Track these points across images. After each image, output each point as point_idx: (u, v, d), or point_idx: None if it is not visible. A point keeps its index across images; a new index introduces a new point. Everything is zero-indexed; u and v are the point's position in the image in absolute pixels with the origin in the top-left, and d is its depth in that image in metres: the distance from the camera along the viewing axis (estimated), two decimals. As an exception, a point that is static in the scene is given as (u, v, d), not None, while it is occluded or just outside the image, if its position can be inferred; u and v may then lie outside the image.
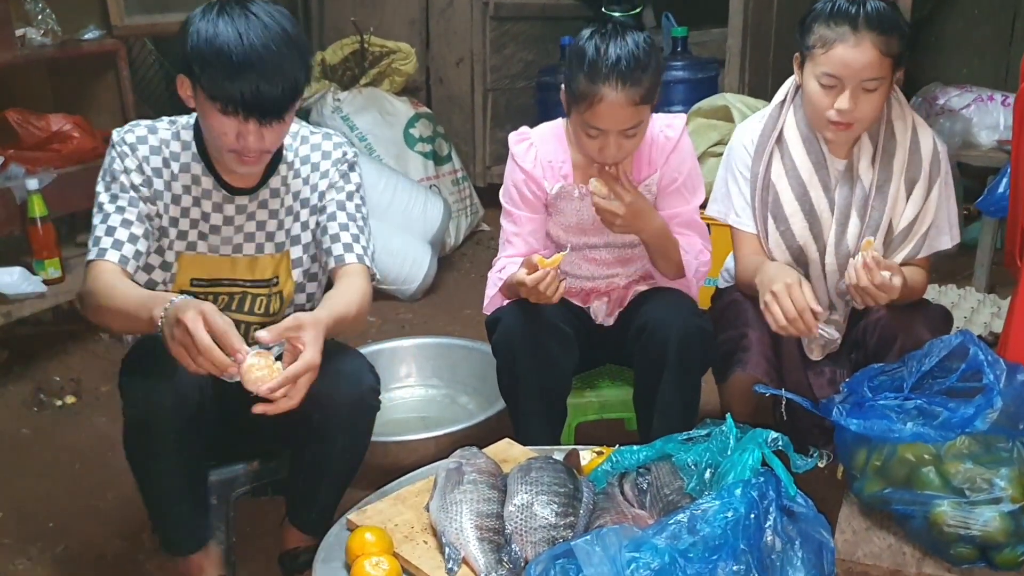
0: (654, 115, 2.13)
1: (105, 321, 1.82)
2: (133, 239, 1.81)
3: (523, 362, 2.02)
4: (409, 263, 3.79)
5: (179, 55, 1.72)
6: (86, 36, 3.47)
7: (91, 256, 1.80)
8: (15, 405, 2.98)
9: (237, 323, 1.66)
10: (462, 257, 4.34)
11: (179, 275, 1.91)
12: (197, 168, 1.87)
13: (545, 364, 2.03)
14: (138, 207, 1.83)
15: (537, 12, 4.92)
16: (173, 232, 1.88)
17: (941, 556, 1.58)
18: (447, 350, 2.90)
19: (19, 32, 3.26)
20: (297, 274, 1.99)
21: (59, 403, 2.99)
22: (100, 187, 1.85)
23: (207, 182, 1.87)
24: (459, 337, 3.05)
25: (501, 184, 2.22)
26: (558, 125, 2.16)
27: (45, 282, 3.04)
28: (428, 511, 1.65)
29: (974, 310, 3.23)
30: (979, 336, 1.68)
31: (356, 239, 1.93)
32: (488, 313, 2.16)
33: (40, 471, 2.62)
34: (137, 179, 1.83)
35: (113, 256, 1.78)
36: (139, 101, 3.71)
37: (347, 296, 1.84)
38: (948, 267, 3.64)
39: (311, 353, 1.61)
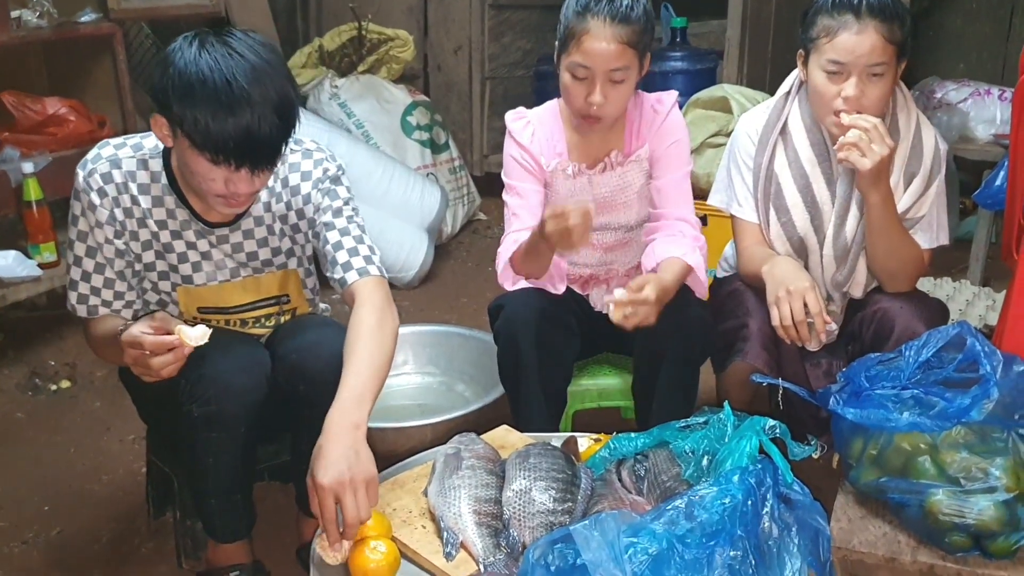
0: (646, 93, 2.14)
1: (107, 358, 1.87)
2: (119, 296, 1.82)
3: (526, 349, 2.02)
4: (406, 251, 3.78)
5: (156, 94, 1.58)
6: (82, 19, 3.44)
7: (82, 314, 1.82)
8: (10, 389, 2.98)
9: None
10: (459, 246, 4.34)
11: (183, 306, 1.87)
12: (170, 201, 1.78)
13: (548, 351, 2.03)
14: (114, 265, 1.79)
15: (536, 0, 4.91)
16: (163, 265, 1.83)
17: (936, 544, 1.59)
18: (444, 338, 2.90)
19: (15, 14, 3.24)
20: (307, 293, 2.00)
21: (54, 387, 2.99)
22: (73, 234, 1.78)
23: (182, 214, 1.79)
24: (456, 325, 3.06)
25: (498, 173, 2.23)
26: (553, 105, 2.18)
27: (40, 266, 3.03)
28: (426, 496, 1.65)
29: (969, 303, 3.24)
30: (974, 329, 1.68)
31: (353, 252, 1.83)
32: (502, 282, 2.13)
33: (35, 455, 2.62)
34: (110, 231, 1.76)
35: (104, 312, 1.82)
36: (135, 85, 3.70)
37: (367, 354, 1.67)
38: (944, 260, 3.65)
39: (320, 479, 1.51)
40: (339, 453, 1.53)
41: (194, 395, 1.71)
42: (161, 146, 1.77)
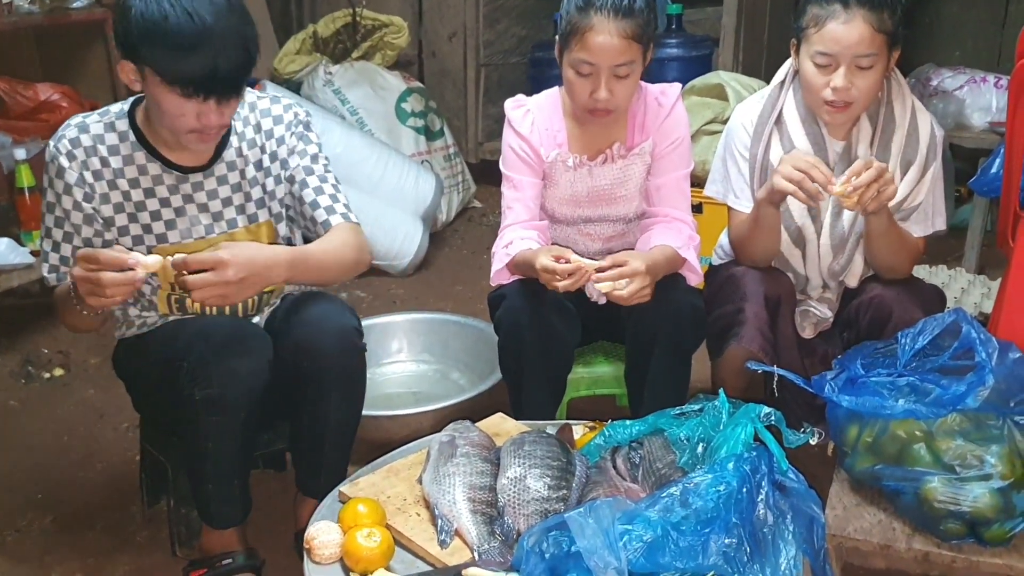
0: (649, 85, 2.13)
1: (73, 323, 1.84)
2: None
3: (528, 339, 2.01)
4: (400, 238, 3.77)
5: (120, 39, 1.66)
6: (74, 4, 3.42)
7: (54, 282, 1.84)
8: (3, 377, 2.97)
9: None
10: (454, 233, 4.33)
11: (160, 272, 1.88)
12: (140, 157, 1.81)
13: (549, 341, 2.02)
14: (81, 232, 1.81)
15: (531, -13, 4.88)
16: (136, 228, 1.84)
17: (931, 532, 1.59)
18: (439, 326, 2.89)
19: (6, 0, 3.22)
20: (282, 243, 1.98)
21: (47, 375, 2.98)
22: (44, 206, 1.82)
23: (154, 168, 1.82)
24: (451, 313, 3.05)
25: (493, 160, 2.22)
26: (554, 94, 2.17)
27: (33, 253, 3.01)
28: (421, 484, 1.65)
29: (964, 291, 3.24)
30: (968, 317, 1.67)
31: (335, 199, 1.92)
32: (494, 285, 2.14)
33: (28, 443, 2.61)
34: (79, 194, 1.79)
35: None
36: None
37: (321, 244, 1.85)
38: (939, 248, 3.65)
39: (225, 252, 1.63)
40: (258, 266, 1.66)
41: (196, 378, 1.70)
42: (126, 108, 1.83)
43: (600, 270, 1.90)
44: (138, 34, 1.60)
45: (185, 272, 1.60)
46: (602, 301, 2.22)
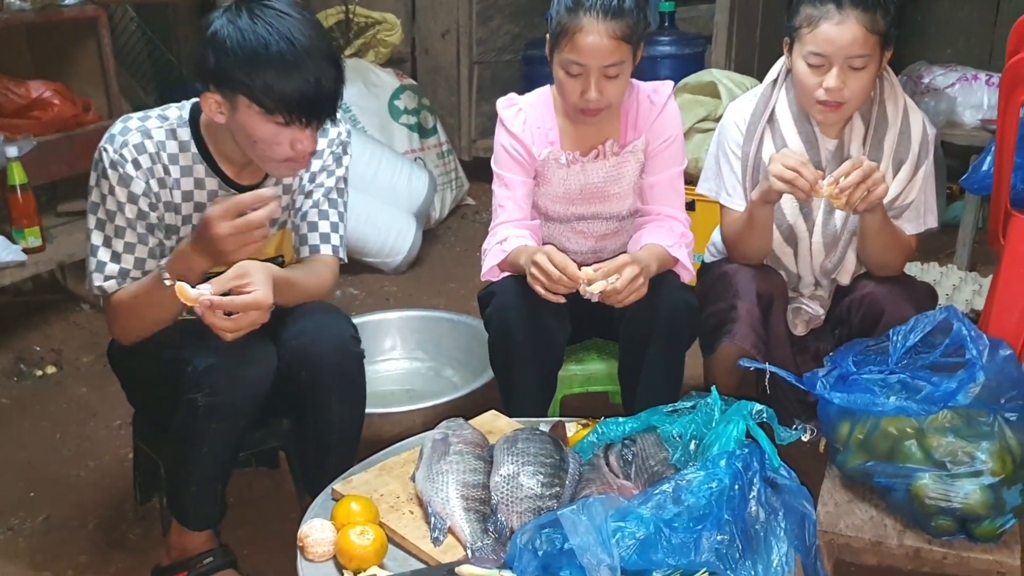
0: (641, 83, 2.13)
1: (138, 328, 1.79)
2: (147, 274, 1.79)
3: (518, 335, 2.01)
4: (394, 236, 3.77)
5: (209, 71, 1.61)
6: (67, 1, 3.39)
7: (113, 288, 1.76)
8: (-5, 375, 2.96)
9: None
10: (447, 231, 4.33)
11: None
12: (200, 170, 1.78)
13: (540, 337, 2.03)
14: (148, 243, 1.77)
15: (524, -15, 4.88)
16: (172, 239, 1.82)
17: (922, 528, 1.60)
18: (432, 323, 2.90)
19: (-3, -3, 3.20)
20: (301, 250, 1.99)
21: (39, 373, 2.97)
22: (100, 212, 1.74)
23: (212, 183, 1.79)
24: (444, 310, 3.05)
25: (486, 158, 2.22)
26: (545, 92, 2.17)
27: (25, 251, 3.00)
28: (414, 481, 1.65)
29: (956, 288, 3.26)
30: (960, 313, 1.68)
31: (335, 228, 1.92)
32: (485, 280, 2.15)
33: (20, 441, 2.61)
34: (144, 204, 1.73)
35: None
36: (120, 68, 3.66)
37: (305, 273, 1.84)
38: (931, 245, 3.67)
39: (261, 292, 1.60)
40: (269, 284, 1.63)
41: (201, 384, 1.69)
42: (187, 116, 1.78)
43: (590, 282, 1.89)
44: (237, 64, 1.57)
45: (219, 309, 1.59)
46: (595, 299, 2.22)
